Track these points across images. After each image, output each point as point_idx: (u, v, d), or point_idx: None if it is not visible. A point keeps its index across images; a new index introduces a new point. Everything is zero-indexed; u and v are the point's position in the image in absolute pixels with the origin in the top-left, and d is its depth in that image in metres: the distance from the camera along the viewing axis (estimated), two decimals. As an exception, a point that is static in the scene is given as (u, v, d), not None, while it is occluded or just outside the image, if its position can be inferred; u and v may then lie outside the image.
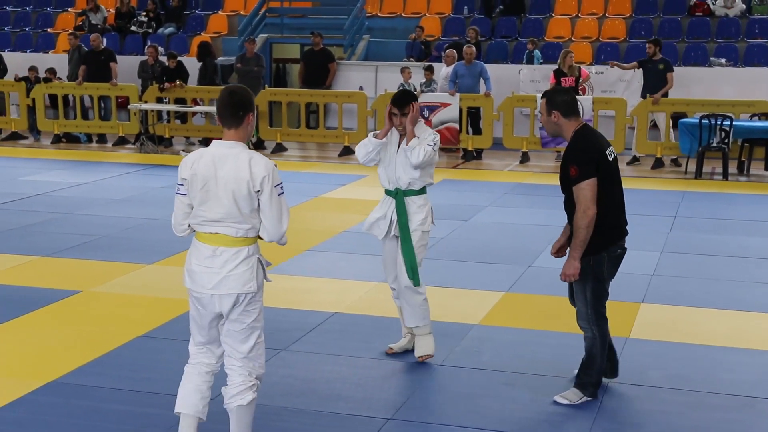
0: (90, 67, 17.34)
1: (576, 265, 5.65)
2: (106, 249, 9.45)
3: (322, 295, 7.92)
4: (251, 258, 4.66)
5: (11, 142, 17.48)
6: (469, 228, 10.50)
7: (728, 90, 16.57)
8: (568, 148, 5.79)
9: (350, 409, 5.62)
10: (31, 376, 6.10)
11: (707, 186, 13.57)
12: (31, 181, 13.26)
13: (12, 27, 22.82)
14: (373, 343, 6.78)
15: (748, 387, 6.02)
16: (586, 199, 5.55)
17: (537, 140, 15.39)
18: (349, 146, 16.22)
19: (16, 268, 8.71)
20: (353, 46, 20.31)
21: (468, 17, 20.67)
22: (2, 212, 11.15)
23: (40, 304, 7.59)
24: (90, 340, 6.79)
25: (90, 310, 7.54)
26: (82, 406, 5.65)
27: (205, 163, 4.58)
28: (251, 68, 17.33)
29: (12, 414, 5.54)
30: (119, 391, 5.89)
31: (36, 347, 6.67)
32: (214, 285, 4.60)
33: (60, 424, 5.40)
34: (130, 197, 12.18)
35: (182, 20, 21.95)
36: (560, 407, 5.67)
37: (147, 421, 5.44)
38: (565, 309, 7.62)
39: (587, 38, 19.65)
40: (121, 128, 17.16)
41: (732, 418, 5.58)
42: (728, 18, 19.22)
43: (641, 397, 5.86)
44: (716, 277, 8.65)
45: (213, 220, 4.60)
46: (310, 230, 10.28)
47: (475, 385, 6.07)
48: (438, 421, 5.50)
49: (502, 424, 5.46)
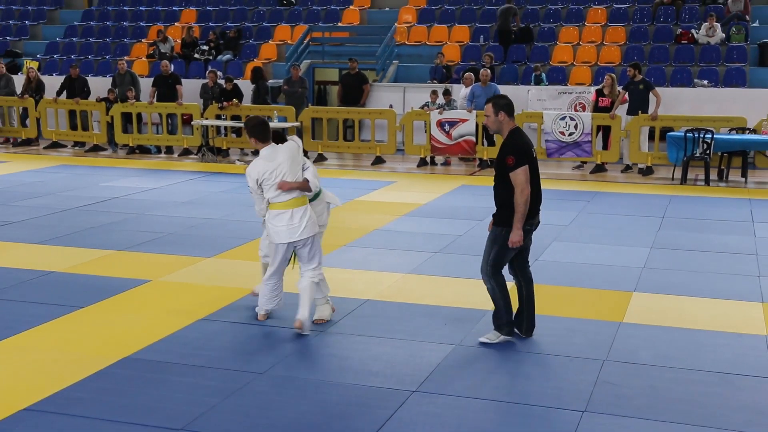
0: (160, 89, 17.47)
1: (520, 234, 6.10)
2: (172, 244, 9.51)
3: (356, 285, 7.92)
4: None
5: (93, 153, 17.63)
6: (483, 227, 10.41)
7: (710, 107, 16.42)
8: (505, 142, 6.18)
9: (380, 383, 5.61)
10: (110, 352, 6.15)
11: (691, 191, 13.44)
12: (110, 186, 13.37)
13: (95, 56, 23.02)
14: (400, 326, 6.77)
15: (727, 365, 5.96)
16: (522, 182, 6.04)
17: (543, 151, 15.31)
18: (380, 156, 16.23)
19: (97, 260, 8.78)
20: (384, 70, 20.30)
21: (484, 45, 20.60)
22: (85, 213, 11.25)
23: (116, 291, 7.65)
24: (159, 322, 6.83)
25: (158, 297, 7.59)
26: (152, 378, 5.69)
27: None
28: (296, 89, 17.36)
29: (94, 384, 5.59)
30: (184, 366, 5.91)
31: (113, 328, 6.72)
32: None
33: (134, 394, 5.43)
34: (192, 200, 12.25)
35: (238, 48, 22.05)
36: (561, 382, 5.64)
37: (207, 391, 5.47)
38: (565, 297, 7.61)
39: (587, 62, 19.53)
40: (186, 141, 17.26)
41: (713, 392, 5.52)
42: (710, 45, 19.05)
43: (633, 374, 5.81)
44: (700, 270, 8.56)
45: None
46: (346, 228, 10.29)
47: (488, 362, 6.05)
48: (456, 393, 5.48)
49: (510, 395, 5.44)
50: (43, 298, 7.42)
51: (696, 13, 20.50)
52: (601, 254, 9.09)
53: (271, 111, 16.44)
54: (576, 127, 15.05)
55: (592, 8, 21.26)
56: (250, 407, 5.23)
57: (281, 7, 23.82)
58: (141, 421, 5.02)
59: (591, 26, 20.64)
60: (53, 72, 21.68)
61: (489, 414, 5.21)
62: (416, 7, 22.55)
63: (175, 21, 24.08)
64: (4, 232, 10.07)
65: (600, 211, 11.60)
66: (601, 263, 8.73)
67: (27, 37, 24.84)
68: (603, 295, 7.65)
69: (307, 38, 21.44)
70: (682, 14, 20.56)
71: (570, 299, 7.55)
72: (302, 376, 5.69)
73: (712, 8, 20.12)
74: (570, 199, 12.51)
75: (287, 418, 5.07)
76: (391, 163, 16.26)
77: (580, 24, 20.85)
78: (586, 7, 21.41)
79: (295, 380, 5.64)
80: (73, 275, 8.21)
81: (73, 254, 8.99)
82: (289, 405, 5.27)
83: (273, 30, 22.67)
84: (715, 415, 5.18)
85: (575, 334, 6.60)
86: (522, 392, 5.50)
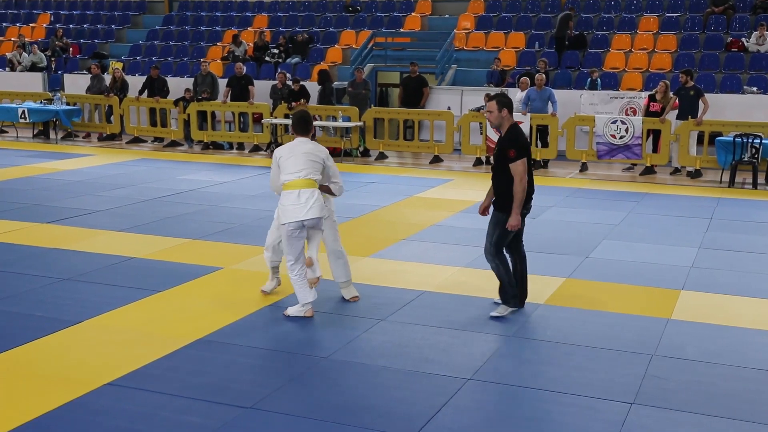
0: (233, 90, 17.64)
1: (518, 218, 6.48)
2: (243, 234, 9.59)
3: (415, 277, 7.89)
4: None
5: (171, 148, 17.89)
6: (537, 224, 10.35)
7: (758, 114, 15.99)
8: (506, 137, 6.55)
9: (437, 370, 5.59)
10: (184, 333, 6.23)
11: (739, 194, 13.10)
12: (186, 179, 13.54)
13: (174, 57, 23.37)
14: (456, 316, 6.74)
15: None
16: (521, 172, 6.43)
17: (594, 153, 15.10)
18: (438, 155, 16.16)
19: (173, 248, 8.91)
20: (443, 74, 20.21)
21: (539, 51, 20.38)
22: (163, 204, 11.42)
23: (191, 277, 7.75)
24: (229, 307, 6.90)
25: (229, 283, 7.65)
26: (223, 359, 5.75)
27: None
28: (360, 91, 17.39)
29: (169, 363, 5.67)
30: (252, 348, 5.97)
31: (187, 311, 6.82)
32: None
33: (206, 373, 5.50)
34: (262, 193, 12.34)
35: (306, 52, 22.17)
36: (610, 375, 5.54)
37: (273, 373, 5.51)
38: (615, 293, 7.48)
39: (638, 69, 19.18)
40: (256, 138, 17.40)
41: (759, 389, 5.37)
42: (759, 53, 18.56)
43: (680, 369, 5.68)
44: (747, 270, 8.34)
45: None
46: (405, 223, 10.27)
47: (540, 354, 5.98)
48: (508, 382, 5.43)
49: (558, 385, 5.36)
50: (125, 282, 7.56)
51: (747, 21, 19.98)
52: (650, 253, 8.91)
53: (336, 111, 16.50)
54: (627, 130, 14.80)
55: (644, 17, 20.88)
56: (313, 389, 5.25)
57: (347, 13, 23.88)
58: (212, 398, 5.08)
59: (643, 34, 20.26)
60: (136, 72, 22.06)
61: (539, 403, 5.14)
62: (475, 15, 22.42)
63: (248, 26, 24.32)
64: (91, 220, 10.29)
65: (649, 211, 11.38)
66: (650, 262, 8.56)
67: (113, 40, 25.34)
68: (652, 293, 7.51)
69: (371, 43, 21.46)
70: (733, 23, 20.05)
71: (619, 295, 7.43)
72: (363, 362, 5.70)
73: (763, 17, 19.60)
74: (620, 199, 12.30)
75: (348, 401, 5.08)
76: (448, 162, 16.18)
77: (633, 32, 20.48)
78: (638, 15, 21.03)
79: (356, 365, 5.65)
80: (152, 261, 8.35)
81: (152, 242, 9.14)
82: (351, 388, 5.28)
83: (339, 35, 22.74)
84: (761, 411, 5.04)
85: (624, 329, 6.48)
86: (572, 383, 5.42)
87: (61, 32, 24.99)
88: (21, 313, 6.65)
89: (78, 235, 9.42)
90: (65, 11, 27.52)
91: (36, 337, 6.12)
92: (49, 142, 18.42)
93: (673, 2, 21.27)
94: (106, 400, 5.06)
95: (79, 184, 12.79)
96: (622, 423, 4.84)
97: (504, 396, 5.21)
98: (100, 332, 6.28)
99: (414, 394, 5.21)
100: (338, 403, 5.04)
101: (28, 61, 23.00)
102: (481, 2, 22.82)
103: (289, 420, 4.83)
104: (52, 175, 13.75)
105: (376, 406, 5.03)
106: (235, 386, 5.28)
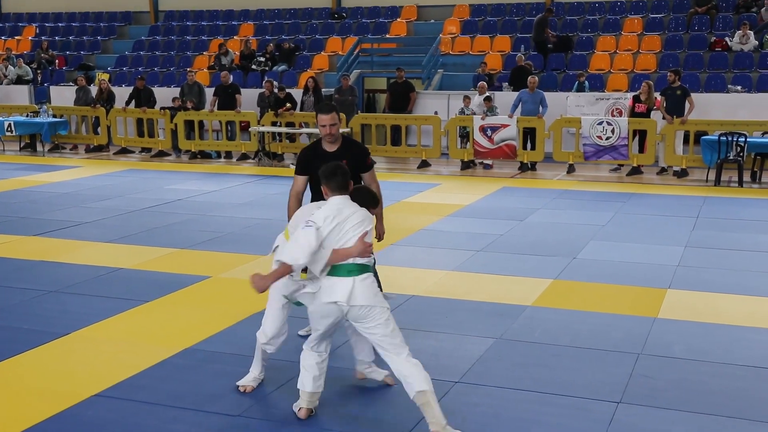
0: (220, 98, 17.63)
1: None
2: (231, 243, 9.59)
3: (403, 281, 7.90)
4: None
5: (158, 158, 17.87)
6: (524, 226, 10.38)
7: (743, 112, 16.10)
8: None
9: (425, 374, 5.59)
10: (172, 343, 6.22)
11: (725, 192, 13.18)
12: (173, 189, 13.53)
13: (160, 68, 23.35)
14: (444, 320, 6.75)
15: (760, 360, 5.82)
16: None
17: (581, 154, 15.17)
18: (426, 160, 16.19)
19: (161, 258, 8.90)
20: (430, 79, 20.25)
21: (525, 54, 20.44)
22: (151, 214, 11.40)
23: (178, 287, 7.74)
24: (217, 315, 6.89)
25: (217, 292, 7.65)
26: (211, 368, 5.74)
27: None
28: (347, 97, 17.41)
29: (158, 372, 5.66)
30: (241, 356, 5.95)
31: (175, 320, 6.80)
32: None
33: (194, 382, 5.49)
34: (250, 202, 12.34)
35: (292, 60, 22.18)
36: (597, 375, 5.56)
37: (263, 381, 5.50)
38: (602, 293, 7.51)
39: (623, 70, 19.27)
40: (244, 146, 17.40)
41: (745, 386, 5.40)
42: (743, 52, 18.67)
43: (667, 367, 5.71)
44: (733, 268, 8.38)
45: None
46: (393, 228, 10.25)
47: (528, 355, 5.99)
48: (497, 384, 5.44)
49: (548, 387, 5.37)
50: (112, 293, 7.54)
51: (730, 21, 20.11)
52: (636, 253, 8.95)
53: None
54: (613, 131, 14.86)
55: (628, 18, 21.00)
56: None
57: (333, 20, 23.92)
58: (200, 407, 5.07)
59: (627, 35, 20.36)
60: (123, 83, 22.04)
61: (528, 404, 5.15)
62: (460, 19, 22.50)
63: (234, 35, 24.32)
64: (78, 231, 10.26)
65: (636, 211, 11.43)
66: (637, 261, 8.60)
67: (99, 52, 25.30)
68: (638, 292, 7.54)
69: (357, 49, 21.48)
70: (716, 23, 20.18)
71: (607, 295, 7.45)
72: (351, 368, 5.69)
73: (746, 17, 19.73)
74: (607, 200, 12.35)
75: (337, 408, 5.08)
76: (435, 167, 16.22)
77: (617, 33, 20.58)
78: (622, 17, 21.15)
79: (344, 371, 5.65)
80: (140, 271, 8.33)
81: (140, 252, 9.12)
82: (338, 395, 5.28)
83: (325, 42, 22.77)
84: (748, 407, 5.06)
85: (611, 328, 6.51)
86: (560, 384, 5.43)
87: (46, 44, 24.96)
88: (8, 326, 6.62)
89: (65, 247, 9.39)
90: (50, 23, 27.48)
91: (24, 349, 6.10)
92: (36, 155, 18.38)
93: (656, 3, 21.40)
94: (94, 411, 5.05)
95: (67, 196, 12.76)
96: (609, 422, 4.85)
97: (491, 398, 5.22)
98: (87, 344, 6.26)
99: (402, 398, 5.20)
100: (324, 409, 5.03)
101: (14, 74, 22.95)
102: (466, 7, 22.90)
103: (277, 428, 4.83)
104: (39, 187, 13.71)
105: (362, 410, 5.03)
106: (224, 394, 5.27)
